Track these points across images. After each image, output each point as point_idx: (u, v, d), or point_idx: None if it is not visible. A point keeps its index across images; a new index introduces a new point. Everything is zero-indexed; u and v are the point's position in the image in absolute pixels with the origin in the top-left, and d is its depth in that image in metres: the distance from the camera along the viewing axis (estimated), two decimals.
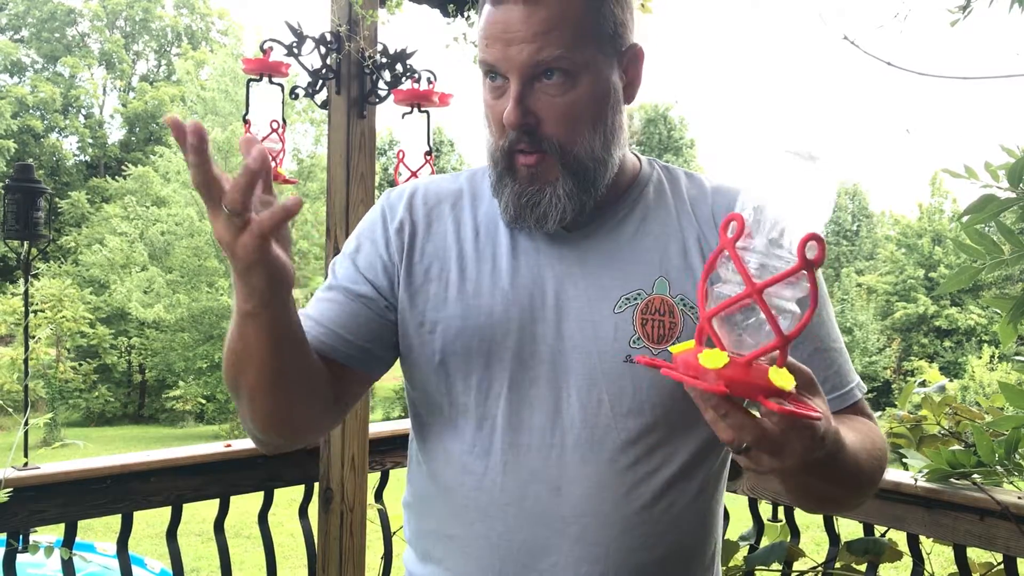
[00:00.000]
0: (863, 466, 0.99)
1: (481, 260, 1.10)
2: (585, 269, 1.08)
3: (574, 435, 1.04)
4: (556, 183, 1.04)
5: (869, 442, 1.03)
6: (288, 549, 7.35)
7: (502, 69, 1.02)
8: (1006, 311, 1.59)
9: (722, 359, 0.76)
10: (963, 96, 59.35)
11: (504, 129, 1.03)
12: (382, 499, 2.63)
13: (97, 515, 2.09)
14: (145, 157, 27.61)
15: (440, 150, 29.53)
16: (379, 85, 2.55)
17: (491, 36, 1.02)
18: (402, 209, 1.14)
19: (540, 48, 0.99)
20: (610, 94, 1.06)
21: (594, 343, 1.05)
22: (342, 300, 1.11)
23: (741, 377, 0.75)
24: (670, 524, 1.07)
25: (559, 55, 1.00)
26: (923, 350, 28.39)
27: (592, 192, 1.06)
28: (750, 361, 0.76)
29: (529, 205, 1.05)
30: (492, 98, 1.05)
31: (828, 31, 1.86)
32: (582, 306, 1.06)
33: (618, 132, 1.08)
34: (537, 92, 1.01)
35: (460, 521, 1.08)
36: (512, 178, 1.06)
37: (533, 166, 1.04)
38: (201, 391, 21.10)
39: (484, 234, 1.12)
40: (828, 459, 0.89)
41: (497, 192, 1.08)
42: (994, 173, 1.53)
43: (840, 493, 1.03)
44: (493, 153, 1.07)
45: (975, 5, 1.66)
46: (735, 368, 0.76)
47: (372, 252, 1.13)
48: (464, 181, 1.17)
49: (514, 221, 1.08)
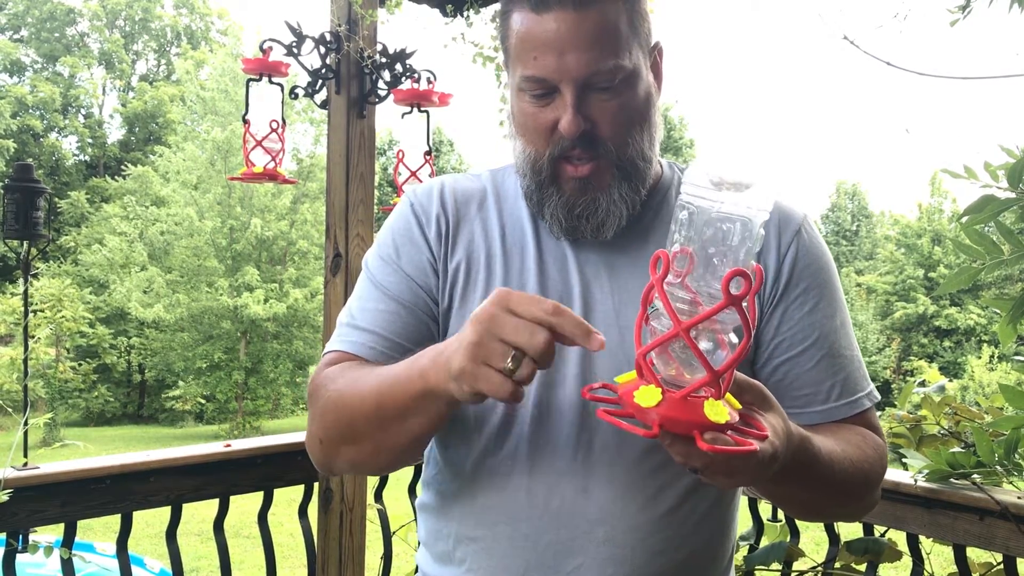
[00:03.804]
0: (842, 478, 1.00)
1: (509, 260, 1.10)
2: (612, 273, 1.08)
3: (601, 438, 1.03)
4: (609, 189, 1.04)
5: (857, 454, 1.04)
6: (288, 549, 7.35)
7: (555, 80, 1.00)
8: (1006, 311, 1.59)
9: (655, 397, 0.77)
10: (963, 96, 59.39)
11: (550, 138, 1.02)
12: (382, 499, 2.63)
13: (97, 515, 2.09)
14: (145, 157, 27.63)
15: (440, 150, 29.52)
16: (379, 85, 2.55)
17: (540, 46, 0.99)
18: (435, 206, 1.12)
19: (596, 58, 0.98)
20: (652, 93, 1.06)
21: (621, 348, 1.04)
22: (402, 312, 1.08)
23: (675, 414, 0.77)
24: (693, 528, 1.07)
25: (615, 64, 0.99)
26: (923, 350, 28.40)
27: (641, 192, 1.07)
28: (684, 396, 0.77)
29: (584, 216, 1.05)
30: (534, 107, 1.03)
31: (828, 31, 1.86)
32: (608, 310, 1.06)
33: (659, 129, 1.09)
34: (590, 98, 1.01)
35: (484, 522, 1.07)
36: (557, 188, 1.05)
37: (587, 176, 1.03)
38: (201, 391, 21.10)
39: (510, 235, 1.11)
40: (798, 469, 0.91)
41: (538, 202, 1.07)
42: (994, 173, 1.53)
43: (820, 501, 1.04)
44: (536, 162, 1.05)
45: (975, 5, 1.66)
46: (669, 405, 0.77)
47: (415, 254, 1.11)
48: (487, 181, 1.16)
49: (567, 233, 1.07)
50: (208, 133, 21.95)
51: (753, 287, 0.76)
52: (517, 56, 1.02)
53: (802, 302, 1.09)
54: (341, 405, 1.01)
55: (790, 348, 1.08)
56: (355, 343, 1.07)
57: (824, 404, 1.08)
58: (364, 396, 0.97)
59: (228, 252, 21.46)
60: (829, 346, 1.09)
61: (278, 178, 2.49)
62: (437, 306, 1.10)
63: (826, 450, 0.97)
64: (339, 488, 2.52)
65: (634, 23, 1.02)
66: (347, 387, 1.00)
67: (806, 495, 1.02)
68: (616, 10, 1.00)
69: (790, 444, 0.88)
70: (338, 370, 1.05)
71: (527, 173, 1.07)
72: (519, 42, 1.02)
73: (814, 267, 1.11)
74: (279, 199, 21.46)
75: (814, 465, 0.94)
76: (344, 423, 1.01)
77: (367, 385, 0.97)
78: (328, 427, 1.04)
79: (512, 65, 1.05)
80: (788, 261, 1.09)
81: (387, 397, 0.94)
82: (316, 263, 21.75)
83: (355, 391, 0.99)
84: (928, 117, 53.69)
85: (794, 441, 0.89)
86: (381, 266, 1.12)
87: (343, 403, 1.00)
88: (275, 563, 2.41)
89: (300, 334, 21.38)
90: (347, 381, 1.01)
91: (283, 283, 21.56)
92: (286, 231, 21.69)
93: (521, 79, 1.02)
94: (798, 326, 1.08)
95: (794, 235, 1.11)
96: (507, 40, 1.05)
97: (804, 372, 1.08)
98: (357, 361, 1.06)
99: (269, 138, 2.46)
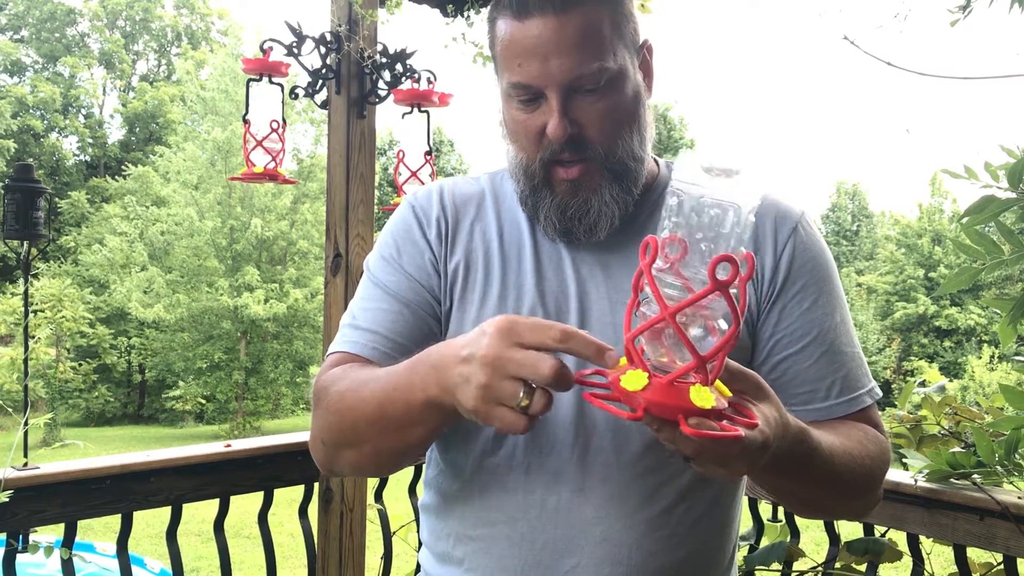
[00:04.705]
0: (842, 472, 1.00)
1: (507, 261, 1.10)
2: (606, 272, 1.08)
3: (597, 437, 1.04)
4: (600, 190, 1.04)
5: (858, 449, 1.03)
6: (288, 549, 7.35)
7: (540, 85, 1.00)
8: (1006, 311, 1.59)
9: (642, 380, 0.77)
10: (963, 96, 59.38)
11: (540, 142, 1.03)
12: (382, 499, 2.63)
13: (97, 515, 2.09)
14: (145, 157, 27.63)
15: (440, 150, 29.52)
16: (379, 85, 2.55)
17: (524, 53, 1.00)
18: (435, 207, 1.13)
19: (580, 62, 0.98)
20: (640, 92, 1.07)
21: (616, 346, 1.05)
22: (405, 312, 1.09)
23: (661, 399, 0.76)
24: (691, 527, 1.07)
25: (599, 66, 0.99)
26: (923, 350, 28.40)
27: (634, 192, 1.07)
28: (671, 381, 0.77)
29: (576, 217, 1.05)
30: (523, 113, 1.04)
31: (828, 31, 1.85)
32: (604, 309, 1.07)
33: (650, 128, 1.09)
34: (576, 101, 1.01)
35: (482, 522, 1.07)
36: (550, 191, 1.06)
37: (576, 178, 1.04)
38: (201, 391, 21.10)
39: (508, 236, 1.12)
40: (797, 461, 0.90)
41: (532, 205, 1.08)
42: (994, 173, 1.52)
43: (822, 496, 1.04)
44: (528, 167, 1.06)
45: (975, 5, 1.66)
46: (656, 390, 0.77)
47: (417, 254, 1.11)
48: (485, 183, 1.17)
49: (561, 235, 1.08)
50: (208, 133, 21.95)
51: (744, 274, 0.75)
52: (503, 63, 1.03)
53: (800, 299, 1.09)
54: (343, 409, 1.01)
55: (789, 345, 1.08)
56: (357, 343, 1.08)
57: (825, 401, 1.08)
58: (366, 402, 0.97)
59: (228, 252, 21.46)
60: (829, 343, 1.09)
61: (278, 178, 2.49)
62: (440, 305, 1.10)
63: (826, 444, 0.96)
64: (339, 488, 2.52)
65: (618, 24, 1.02)
66: (348, 391, 1.00)
67: (807, 489, 1.01)
68: (598, 12, 1.00)
69: (786, 435, 0.87)
70: (340, 372, 1.05)
71: (520, 178, 1.08)
72: (504, 49, 1.02)
73: (812, 264, 1.11)
74: (279, 199, 21.47)
75: (813, 458, 0.94)
76: (347, 427, 1.01)
77: (368, 391, 0.97)
78: (330, 430, 1.04)
79: (500, 72, 1.06)
80: (786, 258, 1.09)
81: (388, 406, 0.95)
82: (316, 263, 21.76)
83: (357, 396, 0.99)
84: (928, 117, 53.74)
85: (791, 432, 0.89)
86: (383, 266, 1.12)
87: (344, 407, 1.00)
88: (275, 563, 2.41)
89: (300, 334, 21.39)
90: (349, 385, 1.01)
91: (283, 283, 21.56)
92: (286, 231, 21.70)
93: (508, 86, 1.03)
94: (797, 323, 1.08)
95: (791, 232, 1.10)
96: (494, 47, 1.06)
97: (804, 369, 1.08)
98: (360, 362, 1.07)
99: (269, 138, 2.46)
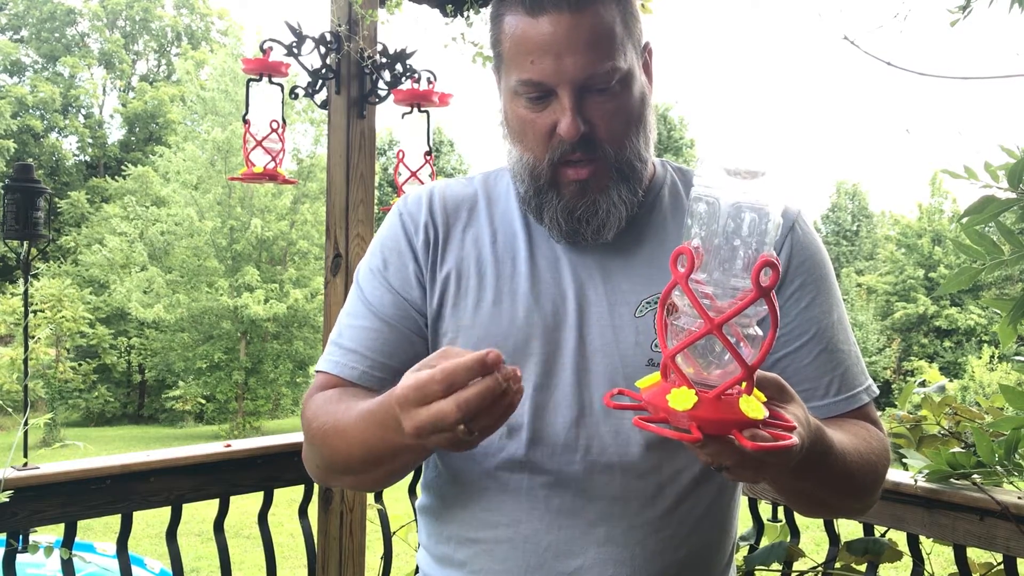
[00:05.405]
0: (853, 470, 0.99)
1: (501, 265, 1.09)
2: (605, 274, 1.08)
3: (599, 439, 1.04)
4: (608, 191, 1.04)
5: (864, 447, 1.03)
6: (288, 549, 7.35)
7: (552, 83, 0.99)
8: (1006, 312, 1.59)
9: (691, 399, 0.75)
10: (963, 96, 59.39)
11: (548, 142, 1.02)
12: (382, 499, 2.63)
13: (97, 515, 2.09)
14: (145, 157, 27.63)
15: (440, 150, 29.51)
16: (379, 85, 2.56)
17: (536, 50, 0.98)
18: (424, 214, 1.12)
19: (593, 60, 0.98)
20: (646, 93, 1.06)
21: (616, 347, 1.05)
22: (385, 330, 1.09)
23: (712, 415, 0.75)
24: (693, 526, 1.07)
25: (612, 66, 0.99)
26: (923, 350, 28.39)
27: (639, 192, 1.06)
28: (718, 395, 0.75)
29: (584, 218, 1.04)
30: (531, 112, 1.02)
31: (828, 31, 1.86)
32: (603, 311, 1.06)
33: (653, 130, 1.09)
34: (588, 101, 1.00)
35: (484, 525, 1.07)
36: (556, 192, 1.04)
37: (586, 179, 1.03)
38: (201, 391, 21.10)
39: (502, 239, 1.11)
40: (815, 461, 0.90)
41: (536, 207, 1.07)
42: (994, 173, 1.52)
43: (830, 496, 1.03)
44: (534, 167, 1.04)
45: (975, 5, 1.66)
46: (705, 406, 0.75)
47: (401, 266, 1.11)
48: (478, 185, 1.16)
49: (567, 236, 1.06)
50: (208, 133, 21.94)
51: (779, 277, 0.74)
52: (512, 60, 1.01)
53: (798, 298, 1.09)
54: (331, 444, 1.02)
55: (787, 344, 1.08)
56: (339, 364, 1.09)
57: (823, 399, 1.08)
58: (352, 445, 0.99)
59: (228, 252, 21.46)
60: (827, 341, 1.09)
61: (278, 178, 2.49)
62: (424, 318, 1.10)
63: (838, 441, 0.96)
64: (339, 489, 2.52)
65: (628, 24, 1.02)
66: (333, 433, 1.01)
67: (821, 488, 1.00)
68: (611, 11, 0.99)
69: (811, 434, 0.87)
70: (323, 402, 1.06)
71: (525, 179, 1.06)
72: (514, 45, 1.00)
73: (809, 263, 1.11)
74: (279, 199, 21.46)
75: (828, 456, 0.93)
76: (338, 461, 1.04)
77: (352, 435, 0.98)
78: (322, 459, 1.06)
79: (506, 69, 1.03)
80: (783, 257, 1.09)
81: (374, 445, 0.96)
82: (316, 263, 21.75)
83: (342, 440, 1.00)
84: (928, 117, 53.70)
85: (812, 431, 0.89)
86: (369, 279, 1.12)
87: (331, 443, 1.02)
88: (275, 563, 2.41)
89: (300, 334, 21.39)
90: (333, 425, 1.02)
91: (283, 283, 21.56)
92: (286, 231, 21.69)
93: (517, 83, 1.01)
94: (795, 321, 1.08)
95: (788, 231, 1.10)
96: (500, 44, 1.04)
97: (802, 367, 1.08)
98: (343, 387, 1.08)
99: (269, 138, 2.46)
